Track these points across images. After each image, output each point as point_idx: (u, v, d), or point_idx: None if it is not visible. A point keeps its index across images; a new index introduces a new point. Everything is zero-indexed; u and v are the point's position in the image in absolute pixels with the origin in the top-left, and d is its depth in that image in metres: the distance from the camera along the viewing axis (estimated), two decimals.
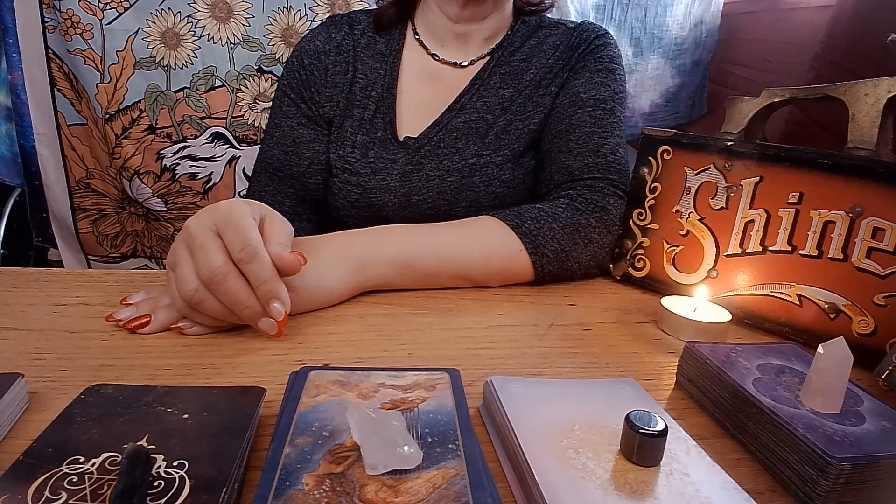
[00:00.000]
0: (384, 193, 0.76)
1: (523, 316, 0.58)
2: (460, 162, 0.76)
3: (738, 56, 1.28)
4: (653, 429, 0.32)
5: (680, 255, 0.63)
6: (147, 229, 1.22)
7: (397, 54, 0.81)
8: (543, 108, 0.78)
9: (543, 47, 0.80)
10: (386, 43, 0.82)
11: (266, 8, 1.10)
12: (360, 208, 0.77)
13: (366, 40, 0.82)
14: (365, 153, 0.77)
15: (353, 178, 0.77)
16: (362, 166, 0.77)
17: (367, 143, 0.77)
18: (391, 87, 0.79)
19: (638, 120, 1.37)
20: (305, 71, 0.80)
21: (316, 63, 0.80)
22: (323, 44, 0.81)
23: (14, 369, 0.38)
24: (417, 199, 0.76)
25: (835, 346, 0.38)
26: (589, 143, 0.72)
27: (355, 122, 0.78)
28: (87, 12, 1.03)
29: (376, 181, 0.76)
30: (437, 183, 0.76)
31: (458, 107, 0.78)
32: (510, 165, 0.76)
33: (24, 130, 1.10)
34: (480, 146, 0.76)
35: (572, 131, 0.74)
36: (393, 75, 0.80)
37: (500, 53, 0.80)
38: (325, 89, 0.80)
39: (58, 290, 0.56)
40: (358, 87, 0.79)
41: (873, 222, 0.51)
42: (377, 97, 0.79)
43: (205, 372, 0.44)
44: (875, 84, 0.56)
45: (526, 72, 0.79)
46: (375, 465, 0.30)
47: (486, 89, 0.79)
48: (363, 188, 0.76)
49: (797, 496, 0.34)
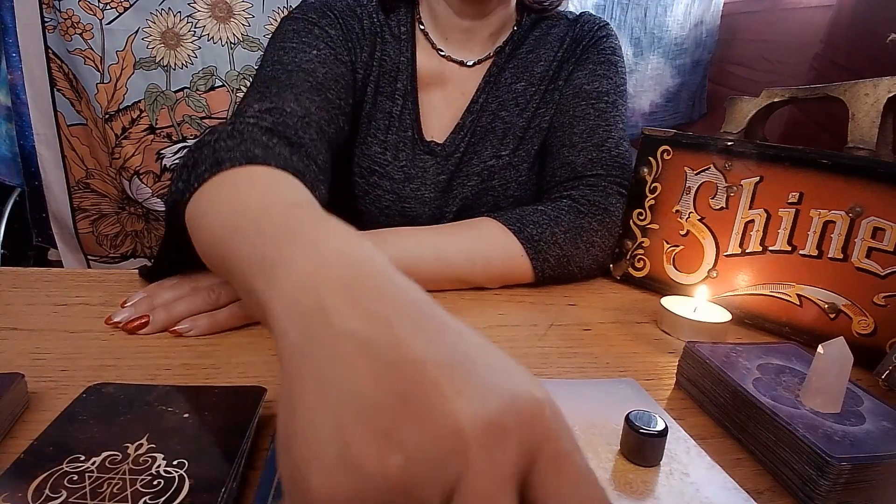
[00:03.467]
0: (419, 205, 0.72)
1: (523, 316, 0.58)
2: (479, 164, 0.73)
3: (738, 56, 1.29)
4: (653, 429, 0.32)
5: (680, 255, 0.63)
6: (147, 229, 1.22)
7: (410, 46, 0.73)
8: (553, 103, 0.75)
9: (548, 38, 0.77)
10: (396, 29, 0.73)
11: (266, 8, 1.10)
12: (391, 217, 0.73)
13: (379, 21, 0.72)
14: (396, 155, 0.72)
15: (384, 182, 0.72)
16: (395, 170, 0.72)
17: (397, 144, 0.72)
18: (413, 79, 0.73)
19: (638, 120, 1.37)
20: (339, 20, 0.68)
21: (349, 18, 0.69)
22: (347, 5, 0.70)
23: (14, 369, 0.38)
24: (447, 210, 0.74)
25: (835, 346, 0.38)
26: (593, 137, 0.71)
27: (384, 115, 0.71)
28: (87, 12, 1.03)
29: (410, 190, 0.72)
30: (462, 190, 0.73)
31: (476, 108, 0.74)
32: (526, 166, 0.74)
33: (23, 130, 1.10)
34: (498, 147, 0.74)
35: (576, 124, 0.72)
36: (412, 68, 0.73)
37: (508, 49, 0.77)
38: (361, 53, 0.69)
39: (58, 290, 0.56)
40: (385, 70, 0.71)
41: (873, 222, 0.51)
42: (403, 90, 0.72)
43: (205, 372, 0.44)
44: (875, 84, 0.56)
45: (535, 63, 0.76)
46: None
47: (498, 87, 0.75)
48: (396, 195, 0.72)
49: (797, 496, 0.34)
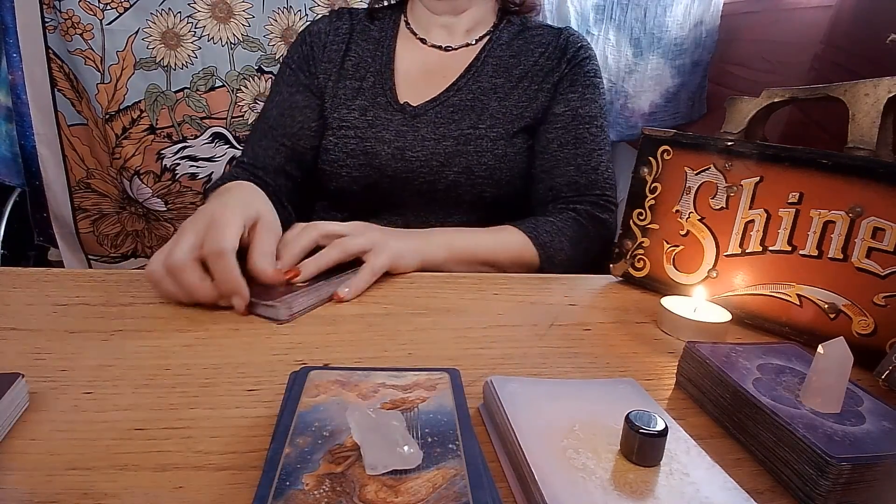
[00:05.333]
0: (379, 143, 0.83)
1: (523, 316, 0.58)
2: (456, 131, 0.83)
3: (738, 56, 1.28)
4: (653, 429, 0.32)
5: (680, 255, 0.63)
6: (147, 229, 1.22)
7: (391, 40, 0.91)
8: (536, 100, 0.86)
9: (531, 46, 0.89)
10: (379, 30, 0.92)
11: (266, 8, 1.10)
12: (356, 156, 0.84)
13: (361, 27, 0.92)
14: (364, 112, 0.85)
15: (350, 132, 0.85)
16: (360, 122, 0.85)
17: (365, 106, 0.86)
18: (388, 63, 0.89)
19: (638, 120, 1.36)
20: (307, 46, 0.90)
21: (316, 41, 0.91)
22: (325, 27, 0.92)
23: (14, 369, 0.38)
24: (411, 154, 0.83)
25: (835, 346, 0.38)
26: (591, 160, 0.84)
27: (349, 91, 0.87)
28: (87, 12, 1.03)
29: (372, 132, 0.84)
30: (433, 145, 0.83)
31: (456, 88, 0.86)
32: (503, 142, 0.84)
33: (24, 130, 1.10)
34: (476, 121, 0.84)
35: (579, 145, 0.85)
36: (389, 55, 0.90)
37: (490, 46, 0.90)
38: (322, 63, 0.89)
39: (58, 290, 0.56)
40: (350, 63, 0.89)
41: (873, 222, 0.51)
42: (375, 71, 0.88)
43: (205, 372, 0.44)
44: (875, 84, 0.56)
45: (515, 67, 0.88)
46: (375, 465, 0.30)
47: (479, 76, 0.87)
48: (360, 139, 0.84)
49: (797, 496, 0.34)
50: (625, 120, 1.36)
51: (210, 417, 0.38)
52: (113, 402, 0.39)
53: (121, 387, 0.41)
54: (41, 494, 0.31)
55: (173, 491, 0.32)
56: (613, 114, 1.35)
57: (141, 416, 0.38)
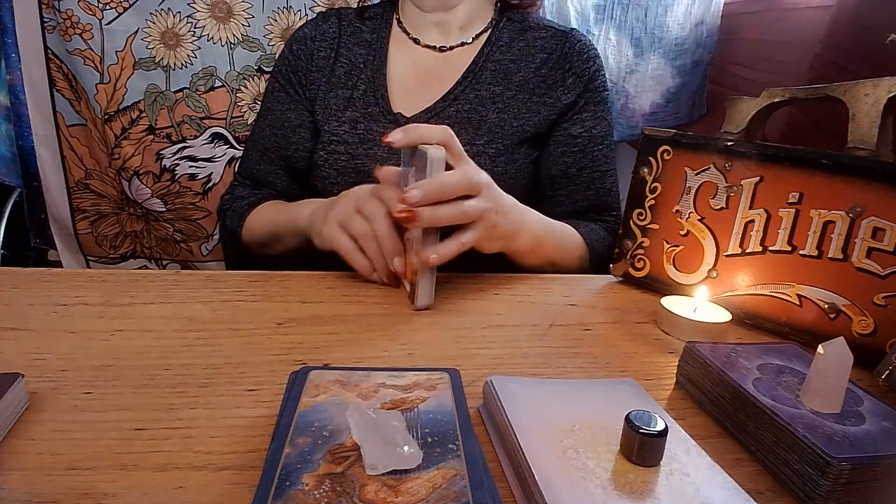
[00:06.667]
0: (371, 161, 0.78)
1: (523, 316, 0.58)
2: None
3: (738, 56, 1.28)
4: (653, 429, 0.32)
5: (680, 255, 0.63)
6: (146, 230, 1.22)
7: (384, 42, 0.86)
8: (539, 114, 0.82)
9: (532, 50, 0.84)
10: (371, 32, 0.87)
11: (266, 8, 1.10)
12: (347, 174, 0.79)
13: (351, 29, 0.87)
14: (355, 125, 0.81)
15: (340, 147, 0.80)
16: (351, 137, 0.80)
17: (356, 118, 0.81)
18: (381, 68, 0.84)
19: (638, 120, 1.36)
20: (293, 56, 0.86)
21: (302, 48, 0.86)
22: (311, 31, 0.87)
23: (14, 369, 0.38)
24: None
25: (835, 346, 0.38)
26: (606, 181, 0.85)
27: (341, 100, 0.82)
28: (86, 12, 1.03)
29: (363, 149, 0.79)
30: None
31: (452, 97, 0.81)
32: (503, 159, 0.79)
33: (23, 131, 1.10)
34: (473, 136, 0.79)
35: (596, 168, 0.84)
36: (381, 59, 0.85)
37: (489, 49, 0.84)
38: (310, 73, 0.85)
39: (58, 290, 0.56)
40: (341, 70, 0.84)
41: (873, 222, 0.51)
42: (367, 78, 0.83)
43: (205, 372, 0.44)
44: (875, 84, 0.56)
45: (515, 73, 0.83)
46: (375, 465, 0.30)
47: (477, 83, 0.82)
48: (350, 155, 0.79)
49: (797, 496, 0.34)
50: (625, 120, 1.36)
51: (210, 417, 0.38)
52: (113, 402, 0.39)
53: (121, 387, 0.41)
54: (41, 494, 0.31)
55: (173, 491, 0.32)
56: (614, 114, 1.35)
57: (141, 416, 0.38)
